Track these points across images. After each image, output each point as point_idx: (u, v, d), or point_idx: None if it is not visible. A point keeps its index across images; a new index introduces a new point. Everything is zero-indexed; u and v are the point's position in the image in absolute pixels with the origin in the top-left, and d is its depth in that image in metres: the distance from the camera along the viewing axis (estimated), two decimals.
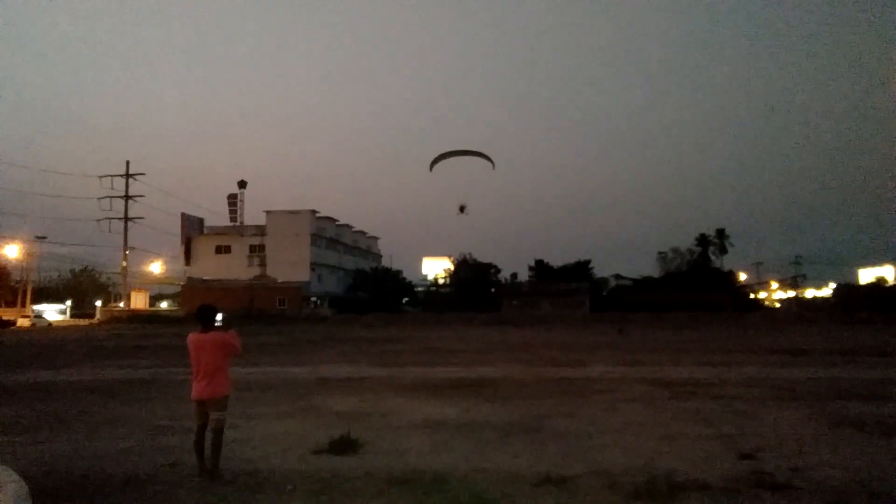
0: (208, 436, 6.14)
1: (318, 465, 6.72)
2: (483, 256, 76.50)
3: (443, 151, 21.72)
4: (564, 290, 67.23)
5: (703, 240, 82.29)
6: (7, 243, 71.87)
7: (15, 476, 4.84)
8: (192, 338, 6.33)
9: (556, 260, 76.52)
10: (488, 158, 21.00)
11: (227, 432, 7.88)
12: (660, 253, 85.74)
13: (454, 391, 12.02)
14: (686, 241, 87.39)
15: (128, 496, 5.68)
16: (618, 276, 79.02)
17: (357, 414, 9.64)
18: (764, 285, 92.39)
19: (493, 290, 69.81)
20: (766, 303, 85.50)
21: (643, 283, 74.32)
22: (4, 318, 57.99)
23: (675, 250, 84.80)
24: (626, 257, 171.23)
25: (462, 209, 26.20)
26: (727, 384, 12.76)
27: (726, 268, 79.17)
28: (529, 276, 76.39)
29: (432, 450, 7.42)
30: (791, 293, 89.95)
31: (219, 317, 6.54)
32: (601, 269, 77.10)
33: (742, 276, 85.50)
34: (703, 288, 65.74)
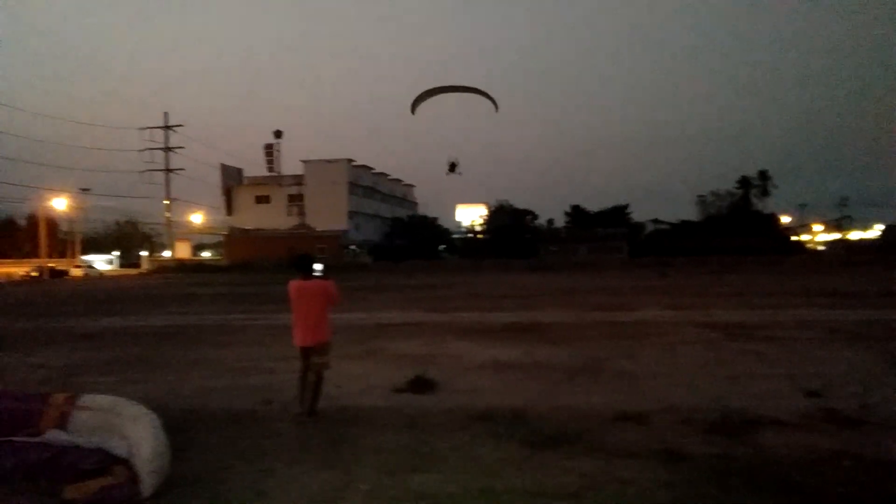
0: (310, 378, 6.44)
1: (401, 402, 7.15)
2: (519, 203, 76.33)
3: (431, 88, 16.95)
4: (602, 235, 66.98)
5: (744, 182, 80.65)
6: (54, 196, 73.89)
7: (145, 409, 5.31)
8: (295, 285, 6.48)
9: (593, 205, 75.86)
10: (489, 97, 16.66)
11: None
12: (699, 196, 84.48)
13: (510, 335, 12.40)
14: (726, 184, 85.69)
15: (233, 429, 6.17)
16: (656, 221, 78.18)
17: (423, 356, 10.07)
18: (807, 228, 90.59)
19: (529, 236, 69.78)
20: (810, 246, 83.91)
21: (682, 228, 73.47)
22: (58, 268, 60.22)
23: (716, 193, 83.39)
24: (664, 202, 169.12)
25: (453, 167, 21.23)
26: (781, 326, 12.89)
27: (768, 210, 77.68)
28: (566, 222, 76.09)
29: (505, 389, 7.81)
30: (836, 235, 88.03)
31: (318, 266, 6.70)
32: (639, 214, 76.29)
33: (785, 219, 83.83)
34: (744, 231, 64.81)
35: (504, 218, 73.08)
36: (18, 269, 59.39)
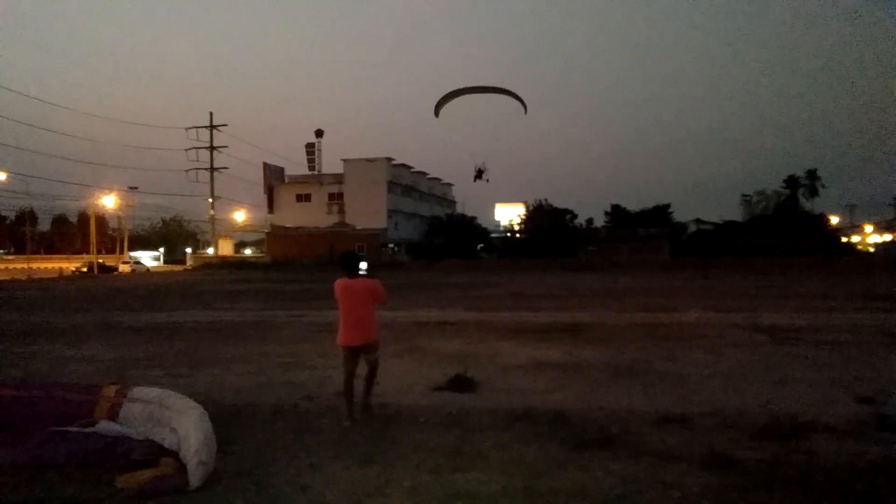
0: (358, 379, 6.31)
1: (442, 400, 7.16)
2: (558, 202, 75.79)
3: (455, 89, 15.82)
4: (643, 235, 66.08)
5: (792, 181, 78.68)
6: (104, 194, 76.05)
7: (193, 402, 5.44)
8: (341, 283, 6.32)
9: (634, 205, 74.92)
10: (518, 98, 15.44)
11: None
12: (744, 196, 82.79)
13: (551, 335, 12.31)
14: (773, 183, 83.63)
15: (277, 424, 6.26)
16: (698, 221, 76.81)
17: (463, 355, 10.06)
18: (857, 229, 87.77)
19: (568, 236, 69.24)
20: (860, 247, 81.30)
21: (725, 228, 72.00)
22: (107, 264, 62.05)
23: (761, 193, 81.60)
24: (707, 201, 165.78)
25: (480, 174, 20.37)
26: (831, 330, 12.51)
27: (817, 211, 75.64)
28: (605, 222, 75.31)
29: (546, 389, 7.76)
30: (888, 237, 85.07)
31: (363, 265, 6.62)
32: (681, 214, 75.12)
33: (834, 220, 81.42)
34: (790, 232, 63.21)
35: (543, 217, 72.72)
36: (69, 265, 61.37)
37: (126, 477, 4.53)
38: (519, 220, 77.96)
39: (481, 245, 77.64)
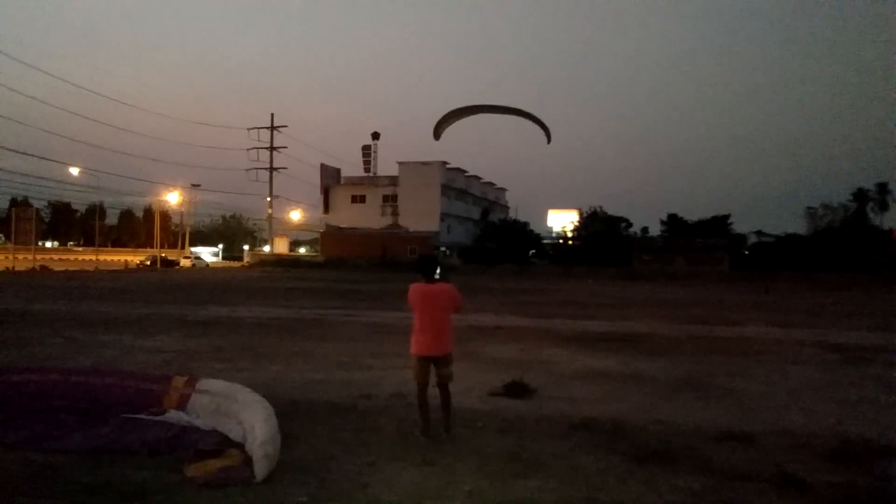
0: (432, 394, 5.88)
1: (498, 406, 7.14)
2: (613, 210, 74.61)
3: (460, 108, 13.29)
4: (700, 245, 64.33)
5: (860, 194, 75.50)
6: (168, 190, 78.71)
7: (258, 396, 5.57)
8: (419, 288, 5.91)
9: (692, 214, 73.13)
10: (541, 125, 12.54)
11: (406, 371, 8.57)
12: (808, 208, 79.94)
13: (606, 344, 12.12)
14: (840, 196, 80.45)
15: (336, 421, 6.35)
16: (759, 233, 74.40)
17: (518, 361, 10.01)
18: None
19: (623, 244, 68.05)
20: None
21: (788, 241, 69.54)
22: (169, 258, 64.24)
23: (827, 206, 78.63)
24: (768, 213, 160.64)
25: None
26: None
27: (886, 226, 72.27)
28: (661, 231, 73.71)
29: (603, 399, 7.65)
30: None
31: (437, 270, 6.15)
32: (741, 225, 72.90)
33: None
34: (858, 247, 60.58)
35: (597, 225, 71.69)
36: (134, 258, 63.80)
37: (195, 466, 4.67)
38: (572, 227, 77.14)
39: (533, 251, 77.09)
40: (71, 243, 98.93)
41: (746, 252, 67.86)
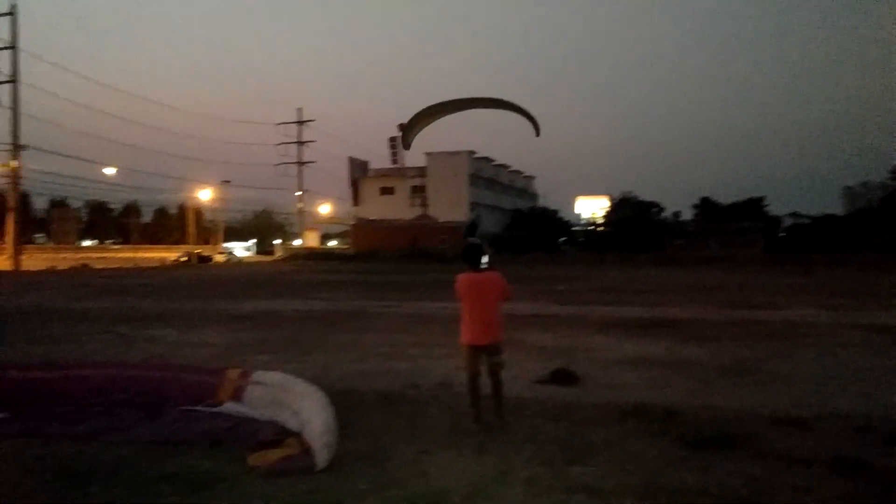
0: (483, 383, 5.89)
1: (545, 393, 7.15)
2: (644, 195, 73.73)
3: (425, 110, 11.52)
4: (734, 228, 63.26)
5: None
6: (200, 187, 79.92)
7: (313, 386, 5.67)
8: (466, 278, 5.91)
9: (725, 197, 71.87)
10: (528, 116, 11.36)
11: (448, 361, 8.65)
12: (846, 188, 77.96)
13: (647, 330, 12.04)
14: (879, 175, 78.39)
15: (387, 411, 6.42)
16: (795, 215, 72.83)
17: (560, 349, 10.00)
18: None
19: (655, 229, 67.25)
20: None
21: (825, 222, 67.89)
22: (204, 254, 65.31)
23: (865, 184, 76.58)
24: (804, 194, 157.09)
25: (472, 231, 18.83)
26: None
27: None
28: (694, 215, 72.67)
29: (651, 385, 7.61)
30: None
31: (484, 258, 6.11)
32: (776, 207, 71.38)
33: None
34: None
35: (628, 210, 70.92)
36: (170, 255, 64.97)
37: (257, 456, 4.78)
38: (602, 214, 76.45)
39: (563, 238, 76.60)
40: (108, 241, 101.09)
41: (782, 234, 66.54)
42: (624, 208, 71.92)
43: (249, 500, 4.19)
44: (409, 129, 12.13)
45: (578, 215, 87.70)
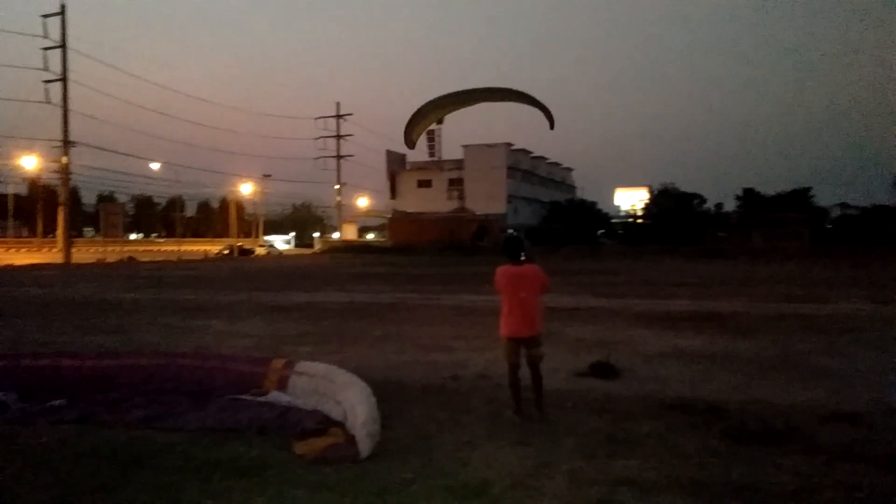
0: (523, 375, 5.92)
1: (585, 386, 7.12)
2: (685, 186, 72.40)
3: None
4: (779, 220, 61.72)
5: None
6: (242, 181, 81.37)
7: (356, 377, 5.76)
8: (505, 271, 5.92)
9: (769, 188, 70.11)
10: (543, 108, 10.65)
11: (488, 353, 8.67)
12: None
13: (689, 323, 11.86)
14: None
15: (428, 402, 6.48)
16: (843, 206, 70.80)
17: (600, 342, 9.92)
18: None
19: (696, 221, 66.02)
20: None
21: (875, 213, 65.75)
22: (245, 247, 66.55)
23: None
24: (853, 184, 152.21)
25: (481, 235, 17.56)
26: None
27: None
28: (737, 207, 71.11)
29: (694, 379, 7.51)
30: None
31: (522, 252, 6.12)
32: (823, 198, 69.38)
33: None
34: None
35: (668, 202, 69.72)
36: (213, 248, 66.39)
37: (303, 444, 4.88)
38: (642, 206, 75.41)
39: (602, 231, 75.78)
40: (154, 235, 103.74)
41: (829, 226, 64.68)
42: (664, 200, 70.70)
43: (296, 487, 4.28)
44: (411, 127, 11.64)
45: (617, 207, 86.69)
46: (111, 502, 4.12)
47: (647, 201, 73.75)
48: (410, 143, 12.17)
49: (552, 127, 11.47)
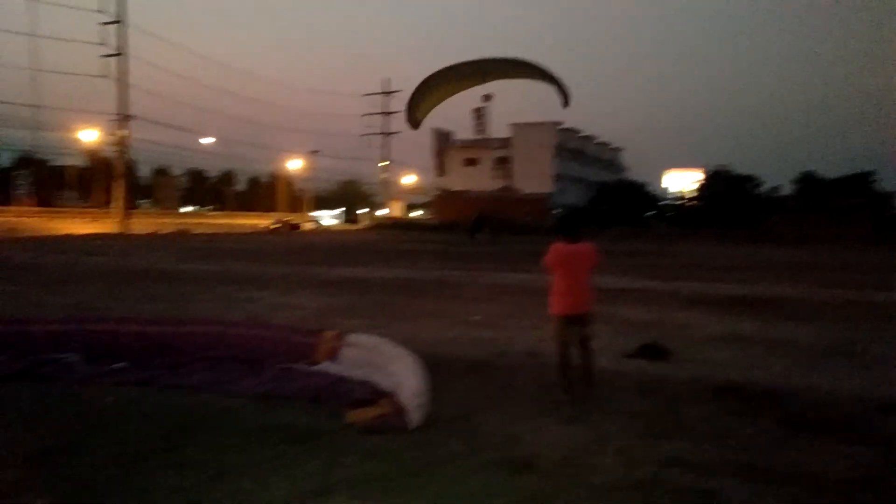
0: (574, 353, 5.86)
1: (634, 368, 7.04)
2: (739, 168, 70.33)
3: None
4: (839, 205, 59.51)
5: None
6: (290, 157, 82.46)
7: (405, 350, 5.83)
8: (561, 248, 5.84)
9: (829, 171, 67.55)
10: (558, 85, 10.77)
11: (534, 331, 8.66)
12: None
13: (741, 307, 11.59)
14: None
15: (475, 377, 6.52)
16: None
17: (649, 324, 9.79)
18: None
19: (750, 205, 64.16)
20: None
21: None
22: (293, 222, 67.67)
23: None
24: None
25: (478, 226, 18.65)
26: None
27: None
28: (794, 191, 68.83)
29: (746, 363, 7.35)
30: None
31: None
32: (887, 182, 66.48)
33: None
34: None
35: (721, 184, 67.89)
36: (262, 222, 67.68)
37: (355, 413, 4.98)
38: (694, 188, 73.60)
39: (651, 212, 74.32)
40: (206, 208, 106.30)
41: (894, 212, 62.04)
42: (717, 182, 68.87)
43: (347, 454, 4.38)
44: (414, 105, 10.58)
45: (665, 189, 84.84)
46: (173, 460, 4.29)
47: (700, 183, 71.95)
48: (414, 121, 11.42)
49: (566, 104, 11.11)
